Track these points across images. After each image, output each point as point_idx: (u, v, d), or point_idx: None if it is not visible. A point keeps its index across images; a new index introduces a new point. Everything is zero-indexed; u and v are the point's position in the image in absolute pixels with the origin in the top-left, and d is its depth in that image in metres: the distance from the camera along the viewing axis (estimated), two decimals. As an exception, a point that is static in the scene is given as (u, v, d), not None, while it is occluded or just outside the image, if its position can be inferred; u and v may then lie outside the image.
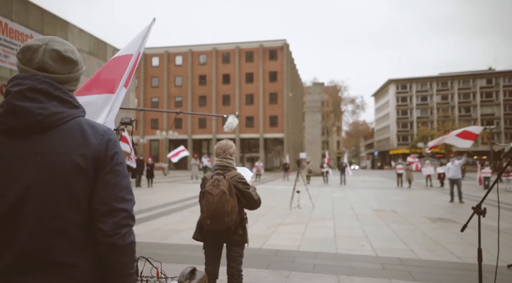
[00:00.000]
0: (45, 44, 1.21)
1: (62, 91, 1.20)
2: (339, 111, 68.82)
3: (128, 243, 1.17)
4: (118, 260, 1.17)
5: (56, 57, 1.21)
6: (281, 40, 46.71)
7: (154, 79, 49.68)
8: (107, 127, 1.25)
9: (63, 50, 1.23)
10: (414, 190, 18.96)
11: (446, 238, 6.97)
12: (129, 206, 1.19)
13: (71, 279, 1.13)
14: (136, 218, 6.08)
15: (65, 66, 1.23)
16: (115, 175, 1.19)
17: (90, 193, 1.16)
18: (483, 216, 2.44)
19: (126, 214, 1.17)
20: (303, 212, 10.09)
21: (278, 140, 49.65)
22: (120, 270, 1.18)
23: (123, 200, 1.18)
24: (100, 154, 1.17)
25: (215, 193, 2.90)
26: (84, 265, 1.16)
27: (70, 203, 1.13)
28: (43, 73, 1.19)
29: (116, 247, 1.15)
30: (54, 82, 1.19)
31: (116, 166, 1.20)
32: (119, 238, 1.14)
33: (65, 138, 1.15)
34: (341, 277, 4.50)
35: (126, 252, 1.17)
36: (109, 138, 1.21)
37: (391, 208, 11.47)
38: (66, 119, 1.18)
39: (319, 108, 35.64)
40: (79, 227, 1.15)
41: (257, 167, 25.78)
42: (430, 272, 4.79)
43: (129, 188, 1.23)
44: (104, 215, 1.15)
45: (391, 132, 77.24)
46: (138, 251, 5.63)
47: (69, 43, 1.30)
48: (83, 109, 1.27)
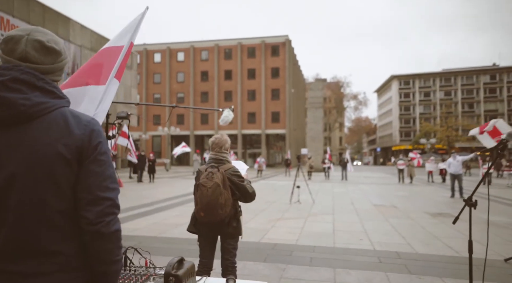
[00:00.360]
0: (27, 35, 1.21)
1: (45, 82, 1.20)
2: (342, 108, 68.63)
3: (113, 231, 1.18)
4: (103, 247, 1.18)
5: (39, 47, 1.21)
6: (283, 36, 46.56)
7: (156, 75, 49.71)
8: (91, 118, 1.25)
9: (46, 41, 1.23)
10: (416, 186, 18.93)
11: (445, 232, 6.97)
12: (113, 195, 1.21)
13: (58, 267, 1.14)
14: (136, 212, 6.16)
15: (48, 57, 1.23)
16: (99, 164, 1.20)
17: (74, 182, 1.17)
18: (474, 208, 2.44)
19: (111, 203, 1.18)
20: (303, 207, 10.11)
21: (280, 137, 49.65)
22: (105, 257, 1.19)
23: (108, 189, 1.19)
24: (84, 143, 1.18)
25: (209, 186, 2.92)
26: (71, 253, 1.17)
27: (54, 191, 1.14)
28: (25, 64, 1.19)
29: (100, 234, 1.16)
30: (37, 72, 1.19)
31: (100, 155, 1.21)
32: (103, 226, 1.15)
33: (48, 129, 1.16)
34: (337, 270, 4.52)
35: (111, 239, 1.18)
36: (93, 129, 1.22)
37: (392, 203, 11.46)
38: (50, 109, 1.18)
39: (321, 105, 35.57)
40: (65, 215, 1.16)
41: (258, 163, 25.80)
42: (427, 266, 4.80)
43: (113, 177, 1.23)
44: (88, 204, 1.16)
45: (394, 128, 77.02)
46: (136, 245, 5.67)
47: (52, 33, 1.30)
48: (67, 99, 1.27)
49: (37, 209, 1.13)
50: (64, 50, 1.31)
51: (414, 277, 4.35)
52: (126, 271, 1.82)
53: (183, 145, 20.68)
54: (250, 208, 9.74)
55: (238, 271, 4.42)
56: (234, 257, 3.17)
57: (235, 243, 3.16)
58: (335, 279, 4.22)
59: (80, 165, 1.18)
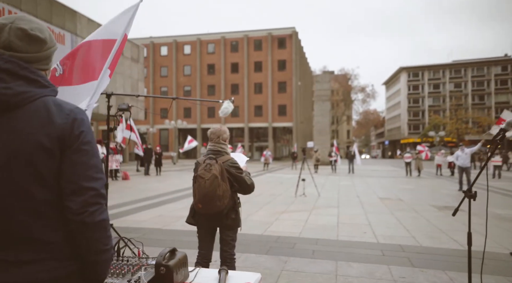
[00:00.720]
0: (11, 23, 1.19)
1: (29, 71, 1.19)
2: (349, 100, 68.11)
3: (98, 221, 1.17)
4: (90, 237, 1.17)
5: (22, 36, 1.19)
6: (289, 28, 46.22)
7: (163, 68, 49.79)
8: (74, 106, 1.24)
9: (29, 29, 1.21)
10: (423, 179, 18.77)
11: (450, 226, 6.89)
12: (97, 185, 1.19)
13: (49, 255, 1.15)
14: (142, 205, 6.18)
15: (32, 45, 1.21)
16: (81, 154, 1.18)
17: (57, 171, 1.16)
18: (473, 199, 2.39)
19: (94, 192, 1.17)
20: (308, 200, 10.09)
21: (287, 130, 49.54)
22: (93, 246, 1.19)
23: (91, 179, 1.18)
24: (65, 133, 1.16)
25: (207, 177, 2.90)
26: (61, 241, 1.17)
27: (37, 181, 1.14)
28: (9, 53, 1.17)
29: (85, 224, 1.15)
30: (20, 61, 1.18)
31: (82, 145, 1.19)
32: (87, 216, 1.14)
33: (30, 118, 1.15)
34: (339, 263, 4.50)
35: (96, 229, 1.17)
36: (75, 117, 1.20)
37: (398, 196, 11.38)
38: (32, 98, 1.17)
39: (328, 97, 35.32)
40: (51, 205, 1.16)
41: (265, 156, 25.78)
42: (430, 259, 4.76)
43: (98, 166, 1.22)
44: (71, 194, 1.15)
45: (402, 121, 76.29)
46: (141, 237, 5.72)
47: (38, 21, 1.27)
48: (53, 88, 1.25)
49: (21, 198, 1.13)
50: (50, 38, 1.28)
51: (417, 270, 4.32)
52: (119, 261, 1.82)
53: (190, 140, 20.68)
54: (254, 201, 9.76)
55: (241, 263, 4.44)
56: (233, 249, 3.16)
57: (233, 234, 3.15)
58: (337, 271, 4.21)
59: (63, 154, 1.17)
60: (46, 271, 1.14)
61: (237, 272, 1.99)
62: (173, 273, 1.66)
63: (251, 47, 47.02)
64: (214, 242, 3.24)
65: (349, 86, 67.12)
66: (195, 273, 1.86)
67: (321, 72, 55.09)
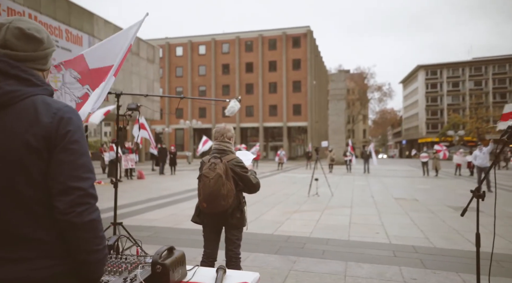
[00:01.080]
0: (9, 23, 1.21)
1: (20, 70, 1.19)
2: (365, 99, 67.28)
3: (87, 221, 1.16)
4: (79, 237, 1.17)
5: (19, 35, 1.21)
6: (304, 27, 45.97)
7: (178, 69, 50.23)
8: (63, 105, 1.22)
9: (26, 28, 1.22)
10: (441, 179, 18.39)
11: (466, 227, 6.72)
12: (85, 185, 1.18)
13: (40, 253, 1.15)
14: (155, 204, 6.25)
15: (29, 44, 1.23)
16: (69, 153, 1.17)
17: (46, 171, 1.16)
18: (482, 199, 2.32)
19: (82, 193, 1.16)
20: (321, 200, 10.00)
21: (302, 129, 49.30)
22: (83, 247, 1.18)
23: (79, 179, 1.17)
24: (51, 132, 1.15)
25: (211, 176, 2.90)
26: (52, 240, 1.17)
27: (25, 181, 1.14)
28: (4, 51, 1.19)
29: (72, 225, 1.14)
30: (11, 61, 1.19)
31: (69, 144, 1.18)
32: (75, 216, 1.14)
33: (17, 118, 1.15)
34: (349, 263, 4.44)
35: (85, 229, 1.16)
36: (62, 116, 1.18)
37: (413, 196, 11.17)
38: (21, 97, 1.17)
39: (344, 96, 34.98)
40: (41, 203, 1.16)
41: (279, 156, 25.72)
42: (443, 260, 4.64)
43: (86, 166, 1.21)
44: (59, 194, 1.15)
45: (420, 120, 74.94)
46: (152, 235, 5.77)
47: (36, 22, 1.29)
48: (46, 87, 1.25)
49: (11, 197, 1.14)
50: (47, 39, 1.29)
51: (429, 271, 4.22)
52: (117, 258, 1.82)
53: (204, 140, 20.76)
54: (267, 200, 9.74)
55: (249, 263, 4.43)
56: (238, 248, 3.15)
57: (239, 234, 3.14)
58: (346, 272, 4.15)
59: (50, 154, 1.16)
60: (37, 269, 1.14)
61: (236, 271, 1.97)
62: (169, 271, 1.65)
63: (265, 47, 46.98)
64: (220, 241, 3.23)
65: (365, 85, 66.29)
66: (193, 272, 1.85)
67: (337, 71, 54.63)
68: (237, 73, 47.41)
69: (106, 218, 6.50)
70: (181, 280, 1.77)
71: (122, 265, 1.74)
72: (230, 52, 48.31)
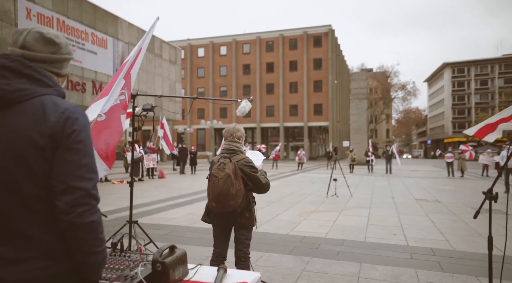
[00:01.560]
0: (31, 28, 1.29)
1: (34, 70, 1.23)
2: (389, 98, 65.94)
3: (87, 222, 1.16)
4: (79, 237, 1.17)
5: (38, 37, 1.28)
6: (325, 26, 45.53)
7: (200, 69, 50.75)
8: (72, 105, 1.24)
9: (46, 33, 1.30)
10: (466, 180, 17.82)
11: (492, 230, 6.48)
12: (87, 185, 1.18)
13: (39, 253, 1.16)
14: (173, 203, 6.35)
15: (46, 46, 1.29)
16: (73, 153, 1.18)
17: (48, 170, 1.17)
18: (495, 201, 2.23)
19: (84, 193, 1.16)
20: (339, 200, 9.88)
21: (323, 129, 48.82)
22: (83, 248, 1.18)
23: (81, 179, 1.17)
24: (57, 131, 1.17)
25: (220, 176, 2.91)
26: (51, 239, 1.18)
27: (28, 178, 1.15)
28: (22, 51, 1.25)
29: (72, 225, 1.14)
30: (25, 61, 1.23)
31: (74, 143, 1.18)
32: (75, 216, 1.14)
33: (25, 115, 1.17)
34: (363, 265, 4.37)
35: (85, 230, 1.16)
36: (69, 116, 1.20)
37: (436, 197, 10.88)
38: (30, 96, 1.19)
39: (365, 96, 34.42)
40: (43, 202, 1.17)
41: (299, 156, 25.58)
42: (463, 264, 4.50)
43: (90, 166, 1.21)
44: (60, 193, 1.15)
45: (446, 119, 72.80)
46: (168, 234, 5.86)
47: (56, 31, 1.36)
48: (57, 88, 1.28)
49: (12, 194, 1.14)
50: (65, 46, 1.35)
51: (446, 275, 4.10)
52: (121, 256, 1.87)
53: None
54: (284, 201, 9.71)
55: (262, 263, 4.43)
56: (248, 248, 3.16)
57: (248, 233, 3.15)
58: (360, 274, 4.09)
59: (54, 153, 1.17)
60: (37, 269, 1.15)
61: (237, 271, 1.98)
62: (169, 270, 1.68)
63: (286, 47, 46.82)
64: (230, 241, 3.25)
65: (388, 84, 64.98)
66: (194, 271, 1.87)
67: (359, 70, 53.82)
68: (257, 73, 47.46)
69: (124, 217, 6.66)
70: (182, 279, 1.79)
71: (124, 263, 1.78)
72: (251, 52, 48.41)
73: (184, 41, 50.87)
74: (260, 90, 47.24)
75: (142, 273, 1.65)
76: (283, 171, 23.00)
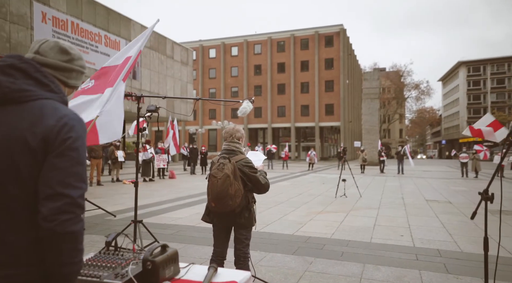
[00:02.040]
0: (51, 39, 1.36)
1: (43, 75, 1.26)
2: (402, 98, 65.12)
3: (69, 231, 1.12)
4: (57, 247, 1.13)
5: (53, 46, 1.34)
6: (337, 26, 45.27)
7: (211, 70, 51.03)
8: (72, 113, 1.24)
9: (62, 43, 1.36)
10: (481, 181, 17.49)
11: (503, 232, 6.36)
12: (75, 193, 1.15)
13: (13, 258, 1.13)
14: (182, 202, 6.42)
15: (58, 54, 1.33)
16: (64, 159, 1.16)
17: (37, 173, 1.15)
18: (490, 202, 2.21)
19: (70, 201, 1.13)
20: (348, 201, 9.83)
21: (335, 129, 48.52)
22: (60, 257, 1.14)
23: (69, 186, 1.14)
24: (51, 134, 1.16)
25: (219, 176, 2.95)
26: (23, 245, 1.15)
27: (13, 178, 1.14)
28: (35, 55, 1.31)
29: (53, 233, 1.11)
30: (37, 64, 1.27)
31: (67, 150, 1.17)
32: (58, 224, 1.10)
33: (23, 116, 1.18)
34: (366, 266, 4.35)
35: (65, 240, 1.13)
36: (67, 122, 1.19)
37: (447, 198, 10.72)
38: (32, 97, 1.21)
39: (377, 95, 34.08)
40: (23, 205, 1.15)
41: (310, 156, 25.49)
42: (469, 265, 4.44)
43: (80, 175, 1.19)
44: (45, 198, 1.12)
45: (461, 119, 71.55)
46: (174, 233, 5.92)
47: (73, 45, 1.41)
48: (61, 96, 1.29)
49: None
50: (77, 58, 1.39)
51: (451, 276, 4.05)
52: (114, 255, 1.91)
53: None
54: (292, 201, 9.70)
55: (265, 263, 4.45)
56: (247, 247, 3.18)
57: (247, 233, 3.17)
58: (362, 274, 4.07)
59: (45, 156, 1.16)
60: (5, 277, 1.12)
61: (228, 270, 2.00)
62: (159, 268, 1.71)
63: (297, 47, 46.72)
64: (229, 240, 3.28)
65: (401, 83, 64.20)
66: (186, 270, 1.90)
67: (371, 70, 53.29)
68: (269, 74, 47.48)
69: (132, 216, 6.75)
70: (173, 277, 1.82)
71: (117, 261, 1.82)
72: (262, 53, 48.46)
73: (196, 42, 51.22)
74: (271, 91, 47.23)
75: (132, 271, 1.69)
76: (293, 171, 22.94)
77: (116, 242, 1.98)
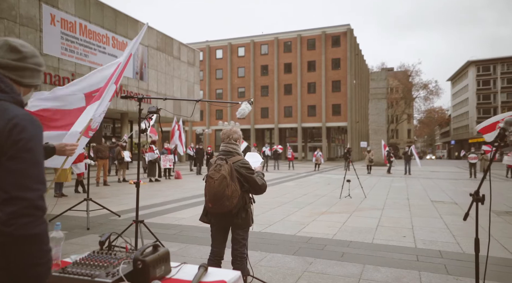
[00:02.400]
0: (3, 38, 1.34)
1: None
2: (410, 98, 64.59)
3: (31, 234, 1.09)
4: (19, 250, 1.09)
5: (3, 45, 1.31)
6: (344, 26, 45.09)
7: (218, 71, 51.19)
8: (22, 113, 1.20)
9: (12, 41, 1.33)
10: (488, 181, 17.26)
11: (505, 233, 6.32)
12: (32, 195, 1.11)
13: None
14: (187, 203, 6.50)
15: (8, 53, 1.30)
16: (18, 161, 1.12)
17: None
18: (481, 203, 2.21)
19: (27, 203, 1.09)
20: (352, 202, 9.80)
21: (342, 129, 48.33)
22: (24, 260, 1.11)
23: (25, 189, 1.11)
24: (1, 137, 1.12)
25: (216, 178, 2.98)
26: None
27: None
28: None
29: (13, 237, 1.07)
30: None
31: (20, 152, 1.13)
32: (17, 228, 1.07)
33: None
34: (366, 267, 4.35)
35: (27, 243, 1.10)
36: (17, 123, 1.15)
37: (454, 199, 10.64)
38: None
39: (384, 95, 33.88)
40: None
41: (316, 156, 25.44)
42: (469, 267, 4.40)
43: (37, 177, 1.15)
44: (2, 203, 1.08)
45: (471, 119, 70.74)
46: (177, 233, 5.98)
47: (26, 43, 1.39)
48: (13, 95, 1.26)
49: None
50: (30, 55, 1.36)
51: (451, 277, 4.04)
52: (107, 254, 1.95)
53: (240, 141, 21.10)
54: (296, 201, 9.71)
55: (265, 263, 4.48)
56: (244, 248, 3.21)
57: (244, 233, 3.20)
58: (361, 275, 4.07)
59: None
60: None
61: (218, 270, 2.04)
62: (150, 267, 1.75)
63: (304, 47, 46.65)
64: (227, 241, 3.32)
65: (409, 83, 63.68)
66: (177, 269, 1.94)
67: (379, 69, 53.00)
68: (275, 74, 47.48)
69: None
70: (164, 276, 1.86)
71: (109, 260, 1.86)
72: (269, 53, 48.48)
73: (203, 43, 51.42)
74: (278, 91, 47.22)
75: (123, 270, 1.73)
76: (299, 172, 22.92)
77: (109, 241, 2.03)
